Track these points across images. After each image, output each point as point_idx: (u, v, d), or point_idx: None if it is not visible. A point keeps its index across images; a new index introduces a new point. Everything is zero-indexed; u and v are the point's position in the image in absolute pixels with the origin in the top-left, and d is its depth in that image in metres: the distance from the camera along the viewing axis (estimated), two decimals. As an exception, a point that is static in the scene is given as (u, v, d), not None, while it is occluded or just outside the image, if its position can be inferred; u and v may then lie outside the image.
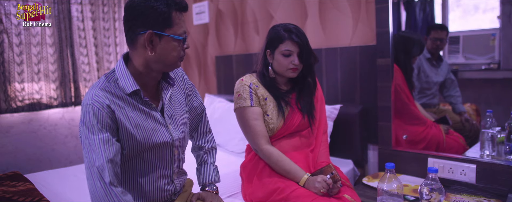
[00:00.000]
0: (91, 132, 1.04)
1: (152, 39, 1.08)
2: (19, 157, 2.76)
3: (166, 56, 1.12)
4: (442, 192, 1.23)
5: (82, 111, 1.07)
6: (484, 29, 1.96)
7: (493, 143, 1.71)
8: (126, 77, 1.12)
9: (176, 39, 1.11)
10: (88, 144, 1.04)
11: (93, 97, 1.06)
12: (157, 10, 1.06)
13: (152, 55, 1.10)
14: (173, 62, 1.14)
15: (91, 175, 1.03)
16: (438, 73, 2.06)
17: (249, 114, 1.50)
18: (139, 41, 1.09)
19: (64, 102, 2.93)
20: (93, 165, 1.02)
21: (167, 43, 1.10)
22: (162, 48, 1.10)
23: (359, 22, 2.15)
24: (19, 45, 2.70)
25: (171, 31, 1.09)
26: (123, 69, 1.13)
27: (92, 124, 1.04)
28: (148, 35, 1.07)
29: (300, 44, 1.46)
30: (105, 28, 3.17)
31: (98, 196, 1.02)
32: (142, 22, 1.07)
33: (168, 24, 1.08)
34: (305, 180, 1.41)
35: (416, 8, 2.12)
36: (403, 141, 1.98)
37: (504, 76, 1.88)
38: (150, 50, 1.09)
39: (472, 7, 2.00)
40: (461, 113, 2.02)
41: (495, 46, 1.89)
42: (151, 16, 1.06)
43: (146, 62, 1.13)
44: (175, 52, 1.12)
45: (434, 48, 2.06)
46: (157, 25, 1.07)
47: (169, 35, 1.09)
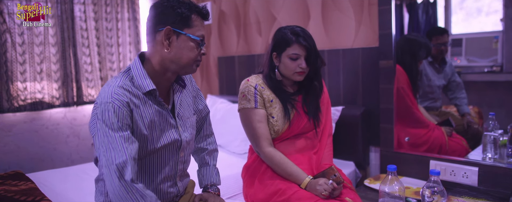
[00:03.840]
0: (111, 129, 1.03)
1: (169, 36, 1.11)
2: (21, 156, 2.77)
3: (181, 56, 1.13)
4: (444, 194, 1.23)
5: (100, 108, 1.05)
6: (487, 32, 1.96)
7: (496, 145, 1.71)
8: (143, 76, 1.12)
9: (193, 40, 1.13)
10: (107, 142, 1.03)
11: (113, 95, 1.05)
12: (177, 10, 1.10)
13: (168, 53, 1.11)
14: (188, 64, 1.15)
15: (110, 173, 1.01)
16: (441, 76, 2.05)
17: (252, 116, 1.50)
18: (157, 38, 1.12)
19: (66, 102, 2.94)
20: (113, 163, 1.01)
21: (184, 42, 1.12)
22: (179, 46, 1.12)
23: (362, 24, 2.15)
24: (22, 44, 2.71)
25: (189, 31, 1.12)
26: (140, 68, 1.13)
27: (111, 121, 1.03)
28: (166, 31, 1.09)
29: (308, 48, 1.45)
30: (108, 28, 3.17)
31: (119, 194, 1.01)
32: (162, 20, 1.11)
33: (187, 24, 1.11)
34: (307, 183, 1.41)
35: (419, 10, 2.12)
36: (405, 143, 1.98)
37: (507, 79, 1.87)
38: (166, 47, 1.11)
39: (475, 10, 2.00)
40: (464, 114, 2.01)
41: (498, 49, 1.89)
42: (171, 15, 1.10)
43: (162, 61, 1.13)
44: (191, 53, 1.14)
45: (439, 53, 2.05)
46: (176, 23, 1.10)
47: (186, 34, 1.11)
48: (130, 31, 3.33)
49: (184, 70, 1.17)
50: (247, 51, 2.89)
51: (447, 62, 2.04)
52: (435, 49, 2.04)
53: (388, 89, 1.91)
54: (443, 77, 2.05)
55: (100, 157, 1.05)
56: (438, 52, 2.04)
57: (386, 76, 1.91)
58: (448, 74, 2.04)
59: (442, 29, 2.07)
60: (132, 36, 3.34)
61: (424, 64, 2.07)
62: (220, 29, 3.10)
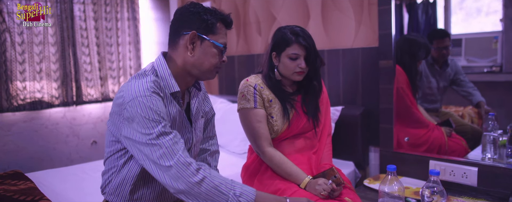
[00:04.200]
0: (154, 121, 1.02)
1: (194, 40, 1.13)
2: (20, 156, 2.76)
3: (203, 61, 1.15)
4: (443, 194, 1.23)
5: (136, 103, 1.03)
6: (487, 32, 1.96)
7: (495, 146, 1.71)
8: (169, 77, 1.14)
9: (216, 46, 1.15)
10: (155, 137, 1.01)
11: (149, 89, 1.06)
12: (204, 16, 1.12)
13: (191, 57, 1.14)
14: (208, 69, 1.17)
15: (177, 168, 1.00)
16: (442, 79, 2.04)
17: (252, 116, 1.50)
18: (181, 42, 1.14)
19: (65, 101, 2.94)
20: (172, 158, 1.01)
21: (207, 48, 1.14)
22: (202, 52, 1.14)
23: (362, 24, 2.15)
24: (21, 44, 2.71)
25: (213, 37, 1.15)
26: (166, 69, 1.15)
27: (154, 114, 1.03)
28: (191, 35, 1.12)
29: (307, 48, 1.45)
30: (108, 28, 3.17)
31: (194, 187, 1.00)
32: (187, 25, 1.13)
33: (212, 31, 1.14)
34: (306, 183, 1.41)
35: (419, 10, 2.12)
36: (405, 143, 1.98)
37: (506, 79, 1.87)
38: (190, 51, 1.13)
39: (475, 10, 2.00)
40: (479, 104, 1.94)
41: (498, 49, 1.89)
42: (197, 21, 1.12)
43: (184, 65, 1.16)
44: (213, 59, 1.16)
45: (440, 56, 2.03)
46: (202, 29, 1.13)
47: (210, 40, 1.14)
48: (130, 30, 3.33)
49: (205, 75, 1.19)
50: (246, 51, 2.89)
51: (449, 65, 2.02)
52: (436, 53, 2.02)
53: (387, 89, 1.91)
54: (444, 79, 2.04)
55: (145, 154, 1.02)
56: (440, 56, 2.03)
57: (385, 76, 1.91)
58: (450, 75, 2.02)
59: (443, 32, 2.05)
60: (131, 36, 3.34)
61: (424, 66, 2.06)
62: (219, 29, 3.10)
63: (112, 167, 1.20)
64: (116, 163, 1.19)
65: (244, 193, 1.05)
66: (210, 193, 1.01)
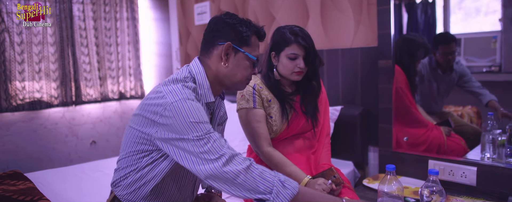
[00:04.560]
0: (203, 122, 1.02)
1: (228, 51, 1.13)
2: (19, 156, 2.76)
3: (236, 72, 1.16)
4: (442, 194, 1.23)
5: (180, 104, 1.01)
6: (486, 32, 1.96)
7: (494, 145, 1.71)
8: (206, 87, 1.15)
9: (250, 59, 1.16)
10: (207, 138, 1.01)
11: (192, 94, 1.06)
12: (239, 28, 1.13)
13: (224, 67, 1.14)
14: (240, 81, 1.18)
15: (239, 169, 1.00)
16: (444, 83, 2.00)
17: (251, 116, 1.50)
18: (215, 52, 1.15)
19: (64, 101, 2.94)
20: (225, 154, 1.01)
21: (240, 60, 1.15)
22: (235, 63, 1.15)
23: (361, 24, 2.15)
24: (20, 44, 2.70)
25: (247, 50, 1.15)
26: (205, 79, 1.15)
27: (200, 116, 1.02)
28: (226, 46, 1.12)
29: (307, 48, 1.45)
30: (107, 27, 3.17)
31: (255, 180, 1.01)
32: (223, 35, 1.13)
33: (247, 43, 1.15)
34: (305, 182, 1.41)
35: (418, 10, 2.12)
36: (404, 143, 1.98)
37: (505, 79, 1.88)
38: (224, 62, 1.14)
39: (474, 10, 2.00)
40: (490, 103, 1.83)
41: (497, 49, 1.89)
42: (233, 32, 1.13)
43: (217, 74, 1.16)
44: (245, 71, 1.17)
45: (445, 62, 1.97)
46: (237, 41, 1.13)
47: (245, 52, 1.15)
48: (129, 30, 3.33)
49: (236, 86, 1.20)
50: (246, 51, 2.89)
51: (454, 70, 1.97)
52: (442, 58, 1.97)
53: (387, 89, 1.91)
54: (446, 84, 2.00)
55: (189, 151, 1.01)
56: (445, 61, 1.97)
57: (385, 76, 1.91)
58: (454, 80, 1.98)
59: (450, 37, 1.99)
60: (131, 36, 3.34)
61: (427, 69, 2.03)
62: (219, 28, 3.10)
63: (131, 165, 1.16)
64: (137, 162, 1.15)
65: (288, 180, 1.06)
66: (255, 180, 1.01)
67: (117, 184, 1.19)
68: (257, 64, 1.20)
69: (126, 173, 1.17)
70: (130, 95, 3.40)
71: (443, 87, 2.03)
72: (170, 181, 1.17)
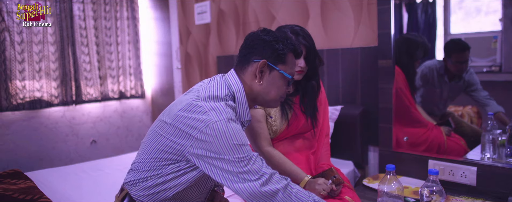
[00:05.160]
0: (243, 145, 1.02)
1: (263, 69, 1.12)
2: (19, 155, 2.77)
3: (270, 90, 1.15)
4: (442, 194, 1.23)
5: (222, 125, 1.00)
6: (486, 32, 1.95)
7: (494, 145, 1.71)
8: (245, 105, 1.14)
9: (285, 77, 1.15)
10: (247, 159, 1.01)
11: (233, 114, 1.06)
12: (276, 46, 1.11)
13: (258, 85, 1.13)
14: (274, 99, 1.17)
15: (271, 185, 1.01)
16: (448, 90, 1.98)
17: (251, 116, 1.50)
18: (250, 69, 1.13)
19: (65, 100, 2.94)
20: (263, 175, 1.01)
21: (275, 78, 1.14)
22: (269, 81, 1.14)
23: (361, 24, 2.15)
24: (21, 43, 2.71)
25: (283, 68, 1.14)
26: (244, 97, 1.14)
27: (241, 138, 1.02)
28: (261, 64, 1.11)
29: (307, 47, 1.46)
30: (107, 27, 3.17)
31: None
32: (259, 52, 1.12)
33: (282, 61, 1.13)
34: (305, 182, 1.41)
35: (418, 10, 2.12)
36: (404, 143, 1.98)
37: (506, 79, 1.87)
38: (258, 79, 1.12)
39: (474, 10, 2.00)
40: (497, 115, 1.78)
41: (497, 48, 1.89)
42: (269, 49, 1.11)
43: (250, 91, 1.15)
44: (279, 89, 1.16)
45: (458, 71, 1.92)
46: (272, 58, 1.12)
47: (280, 71, 1.13)
48: (129, 30, 3.33)
49: (268, 104, 1.19)
50: (246, 50, 2.89)
51: (462, 78, 1.92)
52: (455, 67, 1.92)
53: (387, 89, 1.91)
54: (452, 91, 1.98)
55: (228, 171, 1.01)
56: (457, 70, 1.92)
57: (385, 76, 1.91)
58: (461, 88, 1.94)
59: (464, 45, 1.92)
60: (131, 35, 3.34)
61: (433, 74, 2.00)
62: (219, 28, 3.10)
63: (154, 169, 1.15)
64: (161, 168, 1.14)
65: (321, 201, 1.08)
66: (291, 200, 1.03)
67: (135, 184, 1.18)
68: (292, 82, 1.18)
69: (147, 176, 1.15)
70: (130, 94, 3.40)
71: (448, 94, 2.01)
72: (194, 187, 1.17)
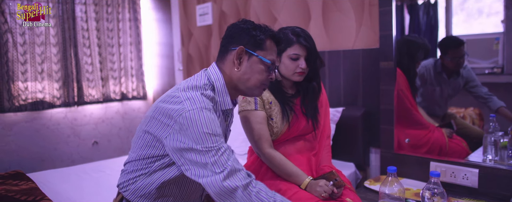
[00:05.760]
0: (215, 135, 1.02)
1: (241, 56, 1.13)
2: (21, 156, 2.77)
3: (249, 76, 1.15)
4: (444, 196, 1.23)
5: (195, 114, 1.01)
6: (488, 33, 1.95)
7: (496, 147, 1.71)
8: (225, 93, 1.15)
9: (264, 62, 1.15)
10: (214, 148, 1.01)
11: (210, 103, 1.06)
12: (253, 32, 1.13)
13: (237, 71, 1.14)
14: (255, 85, 1.17)
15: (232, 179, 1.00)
16: (448, 88, 1.99)
17: (253, 118, 1.50)
18: (229, 57, 1.15)
19: (67, 102, 2.95)
20: (226, 169, 1.00)
21: (254, 64, 1.15)
22: (248, 67, 1.14)
23: (363, 25, 2.15)
24: (23, 44, 2.72)
25: (261, 53, 1.15)
26: (223, 85, 1.15)
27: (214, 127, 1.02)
28: (238, 50, 1.12)
29: (308, 48, 1.46)
30: (109, 28, 3.18)
31: None
32: (236, 40, 1.14)
33: (261, 47, 1.14)
34: (307, 183, 1.41)
35: (420, 11, 2.11)
36: (406, 145, 1.98)
37: (508, 80, 1.87)
38: (236, 66, 1.13)
39: (476, 11, 1.99)
40: (500, 110, 1.79)
41: (499, 50, 1.88)
42: (246, 36, 1.13)
43: (230, 79, 1.16)
44: (259, 75, 1.16)
45: (455, 66, 1.94)
46: (250, 44, 1.13)
47: (258, 56, 1.14)
48: (131, 31, 3.34)
49: (251, 91, 1.19)
50: (247, 51, 2.89)
51: (460, 74, 1.95)
52: (452, 63, 1.95)
53: (388, 91, 1.91)
54: (451, 88, 1.98)
55: (195, 162, 1.01)
56: (455, 66, 1.94)
57: (386, 77, 1.91)
58: (460, 85, 1.96)
59: (459, 41, 1.95)
60: (133, 37, 3.35)
61: (430, 72, 2.01)
62: (220, 29, 3.11)
63: (141, 168, 1.16)
64: (148, 166, 1.15)
65: (284, 201, 1.06)
66: (251, 199, 1.01)
67: (126, 187, 1.18)
68: (273, 68, 1.18)
69: (136, 176, 1.16)
70: (132, 96, 3.41)
71: (448, 92, 2.01)
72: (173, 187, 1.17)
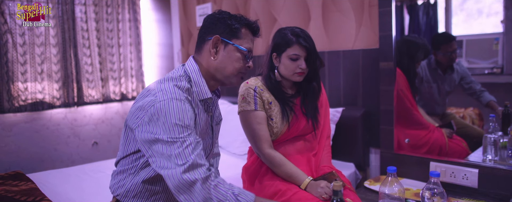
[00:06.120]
0: (182, 127, 1.01)
1: (217, 44, 1.14)
2: (21, 157, 2.77)
3: (226, 65, 1.15)
4: (444, 196, 1.23)
5: (164, 105, 1.01)
6: (488, 34, 1.95)
7: (496, 147, 1.71)
8: (202, 83, 1.15)
9: (240, 50, 1.15)
10: (180, 144, 1.00)
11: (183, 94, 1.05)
12: (228, 21, 1.14)
13: (214, 60, 1.14)
14: (232, 74, 1.17)
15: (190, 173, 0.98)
16: (445, 83, 2.01)
17: (252, 118, 1.50)
18: (205, 47, 1.16)
19: (67, 102, 2.94)
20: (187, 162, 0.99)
21: (230, 52, 1.15)
22: (225, 56, 1.15)
23: (362, 26, 2.15)
24: (23, 45, 2.71)
25: (237, 42, 1.15)
26: (200, 75, 1.15)
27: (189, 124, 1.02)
28: (214, 39, 1.13)
29: (308, 49, 1.46)
30: (109, 29, 3.18)
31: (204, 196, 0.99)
32: (212, 30, 1.15)
33: (236, 35, 1.15)
34: (307, 184, 1.41)
35: (419, 12, 2.12)
36: (405, 145, 1.98)
37: (507, 80, 1.87)
38: (213, 55, 1.14)
39: (476, 11, 2.00)
40: (489, 103, 1.85)
41: (499, 50, 1.89)
42: (221, 26, 1.14)
43: (208, 69, 1.16)
44: (236, 63, 1.16)
45: (448, 61, 1.98)
46: (225, 33, 1.14)
47: (234, 44, 1.14)
48: (131, 32, 3.34)
49: (228, 80, 1.19)
50: (247, 52, 2.89)
51: (454, 70, 1.98)
52: (445, 58, 1.98)
53: (388, 91, 1.91)
54: (448, 84, 2.00)
55: (160, 152, 1.00)
56: (448, 61, 1.98)
57: (386, 78, 1.91)
58: (455, 80, 1.98)
59: (450, 37, 2.00)
60: (133, 37, 3.35)
61: (425, 70, 2.04)
62: (220, 30, 3.11)
63: (128, 168, 1.16)
64: (133, 165, 1.15)
65: (242, 193, 1.04)
66: (210, 192, 1.00)
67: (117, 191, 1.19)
68: (249, 56, 1.18)
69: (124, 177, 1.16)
70: (132, 96, 3.41)
71: (445, 88, 2.03)
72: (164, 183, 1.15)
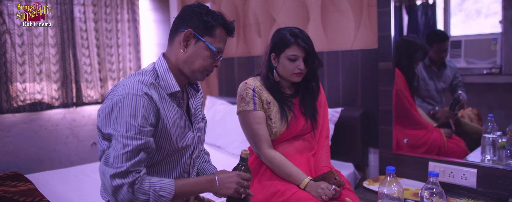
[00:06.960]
0: (136, 128, 1.00)
1: (189, 39, 1.13)
2: (20, 157, 2.76)
3: (194, 60, 1.15)
4: (442, 196, 1.23)
5: (124, 99, 1.01)
6: (486, 34, 1.96)
7: (494, 147, 1.71)
8: (169, 77, 1.14)
9: (210, 49, 1.14)
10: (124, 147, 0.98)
11: (143, 89, 1.04)
12: (204, 17, 1.12)
13: (183, 53, 1.14)
14: (198, 70, 1.16)
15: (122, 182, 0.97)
16: (440, 80, 2.04)
17: (251, 118, 1.50)
18: (177, 39, 1.15)
19: (65, 103, 2.94)
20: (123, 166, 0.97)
21: (200, 49, 1.14)
22: (194, 51, 1.14)
23: (361, 26, 2.16)
24: (22, 45, 2.71)
25: (209, 40, 1.14)
26: (167, 69, 1.15)
27: (142, 120, 1.01)
28: (186, 33, 1.12)
29: (307, 49, 1.46)
30: (107, 29, 3.17)
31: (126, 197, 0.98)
32: (187, 23, 1.14)
33: (210, 33, 1.14)
34: (306, 183, 1.41)
35: (418, 12, 2.12)
36: (404, 145, 1.98)
37: (506, 81, 1.88)
38: (182, 48, 1.13)
39: (474, 12, 2.00)
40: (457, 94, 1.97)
41: (497, 50, 1.89)
42: (197, 20, 1.13)
43: (176, 62, 1.16)
44: (204, 61, 1.15)
45: (439, 58, 2.03)
46: (199, 29, 1.13)
47: (205, 42, 1.13)
48: (130, 32, 3.34)
49: (194, 75, 1.18)
50: (246, 52, 2.89)
51: (447, 66, 2.03)
52: (436, 56, 2.02)
53: (387, 91, 1.91)
54: (443, 81, 2.03)
55: (111, 151, 1.00)
56: (439, 58, 2.02)
57: (385, 78, 1.91)
58: (449, 77, 2.02)
59: (444, 36, 2.04)
60: (131, 37, 3.35)
61: (420, 68, 2.06)
62: (219, 30, 3.10)
63: None
64: None
65: (164, 187, 1.03)
66: (134, 193, 0.98)
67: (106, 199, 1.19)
68: (218, 56, 1.17)
69: None
70: (131, 96, 3.40)
71: (440, 84, 2.05)
72: None
